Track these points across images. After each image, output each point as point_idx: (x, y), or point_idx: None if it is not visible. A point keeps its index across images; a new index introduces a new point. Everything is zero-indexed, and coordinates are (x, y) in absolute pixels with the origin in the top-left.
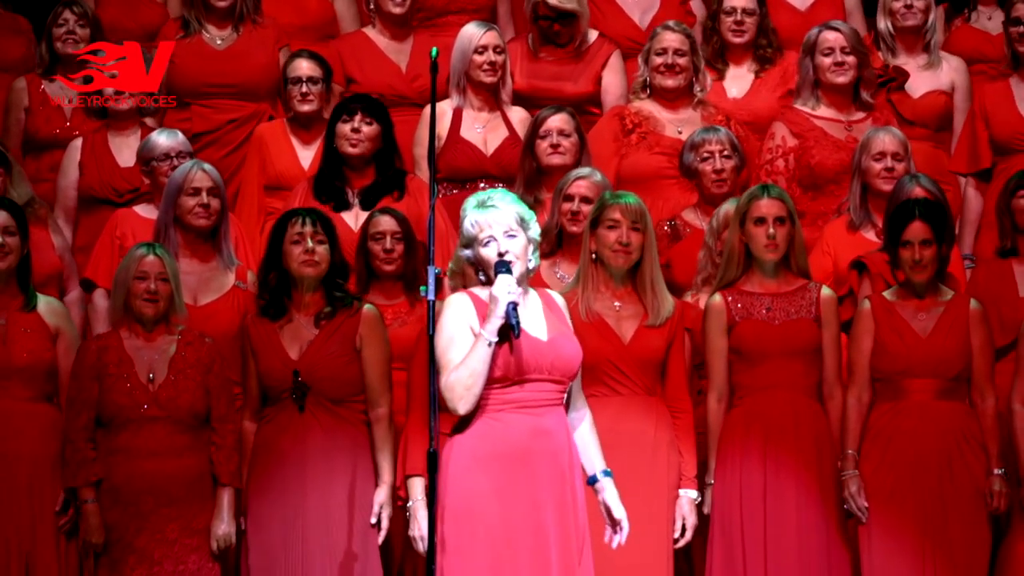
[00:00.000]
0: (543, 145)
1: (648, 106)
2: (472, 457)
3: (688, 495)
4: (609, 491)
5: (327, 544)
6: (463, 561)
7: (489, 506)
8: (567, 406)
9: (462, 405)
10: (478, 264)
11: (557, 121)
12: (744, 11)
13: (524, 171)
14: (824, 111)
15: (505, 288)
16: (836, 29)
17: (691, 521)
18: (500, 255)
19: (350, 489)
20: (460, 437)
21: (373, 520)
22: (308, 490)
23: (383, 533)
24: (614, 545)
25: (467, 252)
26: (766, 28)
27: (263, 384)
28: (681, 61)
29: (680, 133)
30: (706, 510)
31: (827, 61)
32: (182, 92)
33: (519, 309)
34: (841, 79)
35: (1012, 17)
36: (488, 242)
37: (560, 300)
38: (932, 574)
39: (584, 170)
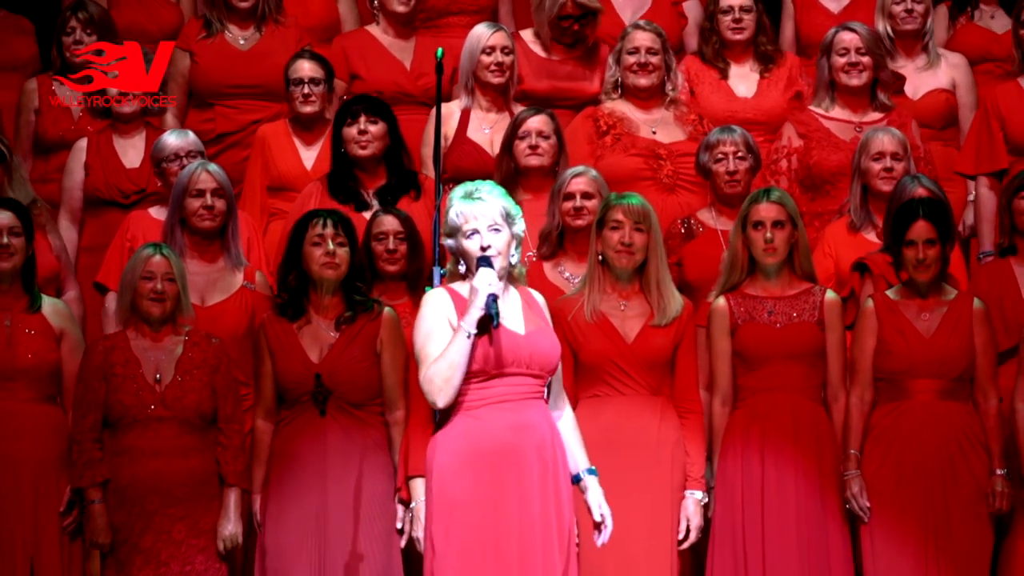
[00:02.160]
0: (521, 146)
1: (621, 106)
2: (455, 456)
3: (694, 496)
4: (593, 490)
5: (350, 548)
6: (452, 561)
7: (474, 505)
8: (548, 404)
9: (441, 398)
10: (459, 255)
11: (536, 122)
12: (741, 8)
13: (501, 171)
14: (837, 112)
15: (486, 280)
16: (853, 30)
17: (695, 522)
18: (483, 249)
19: (371, 492)
20: (442, 436)
21: (399, 525)
22: (329, 494)
23: (406, 537)
24: (598, 543)
25: (450, 242)
26: (764, 25)
27: (280, 385)
28: (653, 60)
29: (654, 133)
30: (710, 513)
31: (841, 61)
32: (205, 93)
33: (498, 302)
34: (855, 81)
35: (1022, 20)
36: (471, 234)
37: (540, 299)
38: (935, 574)
39: (578, 168)
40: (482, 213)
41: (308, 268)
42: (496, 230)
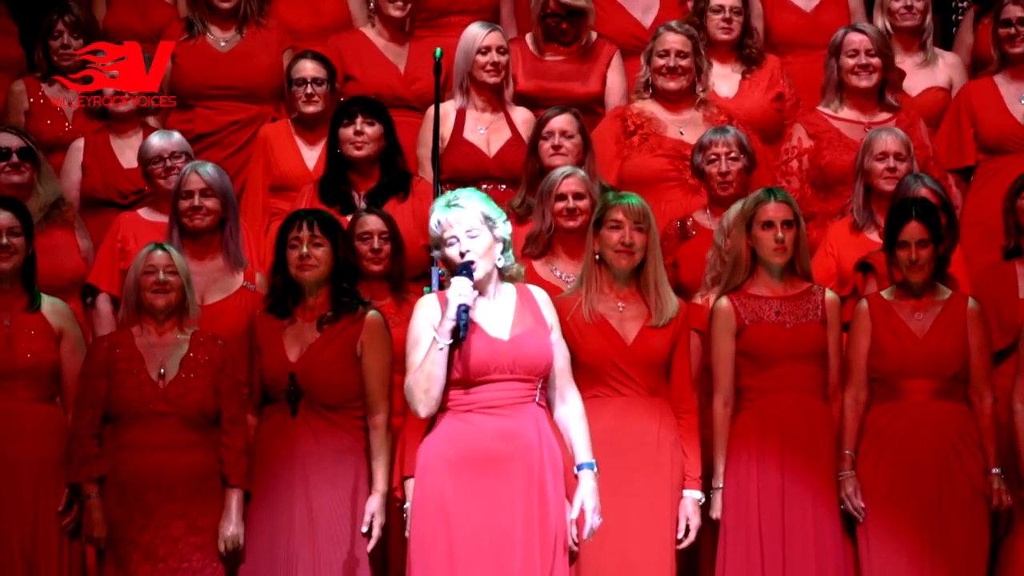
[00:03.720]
0: (546, 146)
1: (650, 107)
2: (439, 458)
3: (692, 496)
4: (584, 485)
5: (313, 550)
6: (424, 561)
7: (451, 507)
8: (553, 400)
9: (422, 408)
10: (446, 264)
11: (560, 122)
12: (732, 9)
13: (528, 172)
14: (846, 113)
15: (457, 291)
16: (862, 31)
17: (694, 522)
18: (461, 255)
19: (340, 495)
20: (429, 438)
21: (364, 528)
22: (295, 495)
23: (373, 542)
24: (583, 537)
25: (436, 252)
26: (750, 28)
27: (262, 382)
28: (683, 63)
29: (682, 134)
30: (715, 514)
31: (851, 63)
32: (185, 94)
33: (472, 310)
34: (864, 82)
35: (1002, 19)
36: (451, 242)
37: (541, 296)
38: (931, 574)
39: (567, 168)
40: (458, 220)
41: (288, 270)
42: (474, 236)
